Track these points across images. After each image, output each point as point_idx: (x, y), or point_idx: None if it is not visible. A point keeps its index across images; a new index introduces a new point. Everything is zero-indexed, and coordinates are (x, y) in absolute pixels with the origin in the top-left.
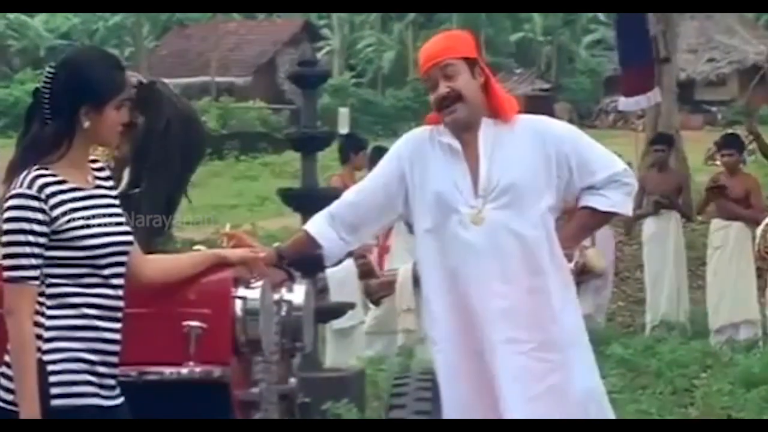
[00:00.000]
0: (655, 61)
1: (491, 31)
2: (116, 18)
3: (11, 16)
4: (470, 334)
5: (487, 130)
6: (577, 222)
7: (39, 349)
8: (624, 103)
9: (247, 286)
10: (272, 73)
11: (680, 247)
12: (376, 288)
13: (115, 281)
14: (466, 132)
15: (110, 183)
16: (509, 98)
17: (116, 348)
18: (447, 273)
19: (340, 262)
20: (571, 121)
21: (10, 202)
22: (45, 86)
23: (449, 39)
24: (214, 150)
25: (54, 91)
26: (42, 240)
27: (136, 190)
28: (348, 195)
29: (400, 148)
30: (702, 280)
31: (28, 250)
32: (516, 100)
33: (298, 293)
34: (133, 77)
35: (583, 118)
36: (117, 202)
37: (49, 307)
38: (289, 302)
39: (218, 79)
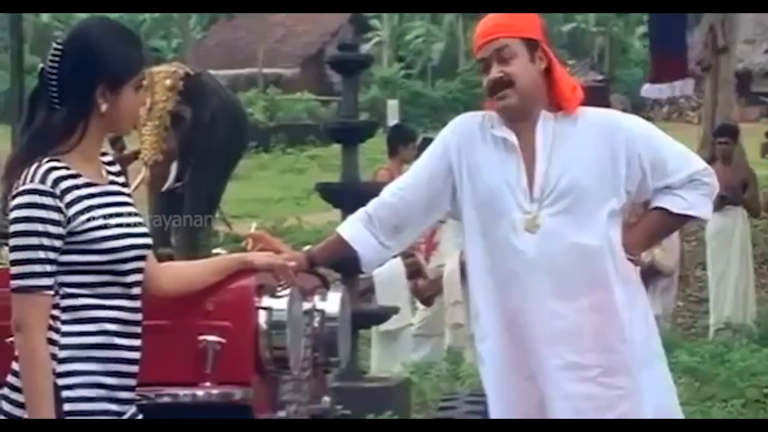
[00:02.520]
0: (686, 51)
1: (543, 21)
2: None
3: None
4: (522, 355)
5: (546, 124)
6: (646, 225)
7: (52, 371)
8: (646, 89)
9: (273, 295)
10: (320, 65)
11: (746, 244)
12: (425, 288)
13: (135, 290)
14: (521, 123)
15: (123, 179)
16: (574, 86)
17: (135, 369)
18: (497, 282)
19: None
20: (624, 112)
21: (20, 200)
22: (52, 66)
23: (508, 15)
24: (261, 142)
25: (63, 71)
26: (57, 243)
27: (179, 183)
28: (388, 192)
29: (446, 136)
30: (765, 278)
31: (41, 254)
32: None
33: (332, 302)
34: (180, 69)
35: (636, 110)
36: (132, 200)
37: (64, 322)
38: (321, 312)
39: (266, 70)
